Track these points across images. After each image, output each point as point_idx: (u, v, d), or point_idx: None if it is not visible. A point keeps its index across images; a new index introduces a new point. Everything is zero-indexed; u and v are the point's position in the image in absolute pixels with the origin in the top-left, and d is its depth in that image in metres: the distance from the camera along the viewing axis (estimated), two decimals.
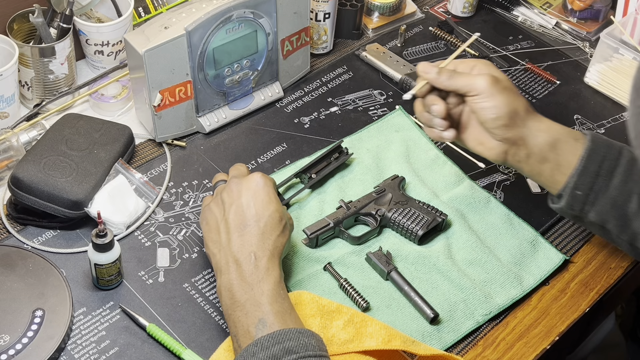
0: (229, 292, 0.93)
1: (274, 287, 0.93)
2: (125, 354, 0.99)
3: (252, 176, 1.01)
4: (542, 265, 1.11)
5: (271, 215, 0.98)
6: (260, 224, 0.97)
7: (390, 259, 1.08)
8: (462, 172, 1.22)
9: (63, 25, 1.24)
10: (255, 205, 0.98)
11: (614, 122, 1.35)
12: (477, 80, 1.02)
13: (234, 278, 0.93)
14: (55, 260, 1.07)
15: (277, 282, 0.93)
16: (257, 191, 0.99)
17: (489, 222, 1.16)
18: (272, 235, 0.97)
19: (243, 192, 1.00)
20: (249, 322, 0.90)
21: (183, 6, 1.19)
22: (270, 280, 0.93)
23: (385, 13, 1.51)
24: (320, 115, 1.32)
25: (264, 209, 0.98)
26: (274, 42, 1.28)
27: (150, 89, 1.17)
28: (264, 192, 0.99)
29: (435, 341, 1.02)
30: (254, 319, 0.90)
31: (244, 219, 0.97)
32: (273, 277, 0.94)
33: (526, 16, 1.56)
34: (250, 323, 0.90)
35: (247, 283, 0.93)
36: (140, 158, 1.23)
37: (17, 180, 1.09)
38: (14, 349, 0.95)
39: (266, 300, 0.91)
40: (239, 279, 0.93)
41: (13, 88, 1.21)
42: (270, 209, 0.98)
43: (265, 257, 0.95)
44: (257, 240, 0.96)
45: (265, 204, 0.98)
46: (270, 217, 0.98)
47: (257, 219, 0.97)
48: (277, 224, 0.98)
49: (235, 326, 0.91)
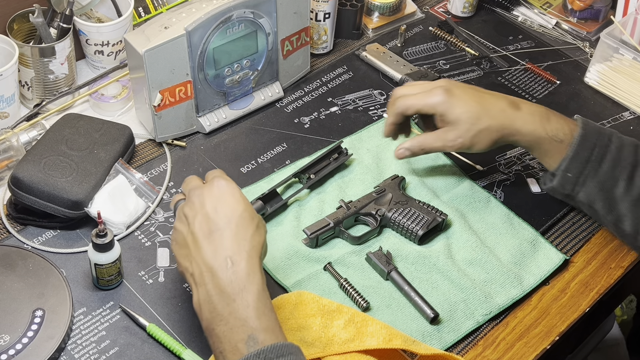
0: (209, 304, 0.85)
1: (258, 296, 0.85)
2: (125, 354, 0.99)
3: (213, 182, 0.92)
4: (542, 265, 1.11)
5: (241, 215, 0.89)
6: (232, 226, 0.88)
7: (390, 259, 1.08)
8: (462, 172, 1.22)
9: (63, 25, 1.24)
10: (222, 208, 0.89)
11: (614, 122, 1.35)
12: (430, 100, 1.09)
13: (212, 289, 0.86)
14: (55, 260, 1.07)
15: (260, 290, 0.86)
16: (221, 195, 0.91)
17: (489, 222, 1.16)
18: (246, 234, 0.88)
19: (206, 200, 0.91)
20: (237, 337, 0.83)
21: (183, 6, 1.19)
22: (253, 288, 0.85)
23: (385, 13, 1.51)
24: (320, 115, 1.33)
25: (233, 210, 0.89)
26: (274, 42, 1.28)
27: (150, 89, 1.17)
28: (229, 194, 0.91)
29: (436, 341, 1.02)
30: (242, 335, 0.83)
31: (212, 224, 0.89)
32: (255, 284, 0.86)
33: (526, 16, 1.56)
34: (238, 339, 0.83)
35: (227, 294, 0.85)
36: (140, 158, 1.23)
37: (17, 180, 1.09)
38: (14, 349, 0.95)
39: (253, 314, 0.84)
40: (218, 290, 0.85)
41: (13, 88, 1.21)
42: (239, 209, 0.89)
43: (243, 260, 0.86)
44: (231, 243, 0.87)
45: (232, 205, 0.90)
46: (240, 217, 0.89)
47: (226, 221, 0.88)
48: (249, 223, 0.89)
49: (220, 342, 0.84)
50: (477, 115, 1.07)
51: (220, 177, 0.93)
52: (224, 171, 1.20)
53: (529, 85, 1.42)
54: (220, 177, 0.93)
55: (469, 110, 1.07)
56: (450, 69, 1.44)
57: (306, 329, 0.98)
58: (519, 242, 1.13)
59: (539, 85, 1.42)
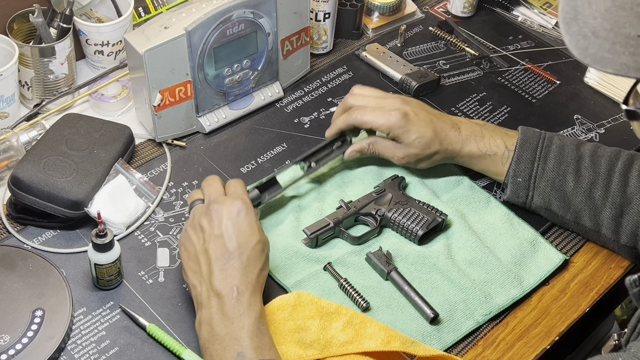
0: (209, 325, 0.91)
1: (255, 321, 0.90)
2: (125, 354, 0.99)
3: (233, 203, 0.96)
4: (542, 265, 1.11)
5: (254, 247, 0.95)
6: (243, 258, 0.94)
7: (390, 259, 1.08)
8: (462, 172, 1.22)
9: (63, 25, 1.24)
10: (237, 236, 0.94)
11: (614, 122, 1.35)
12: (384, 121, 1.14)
13: (215, 312, 0.91)
14: (55, 260, 1.07)
15: (258, 317, 0.91)
16: (238, 221, 0.95)
17: (489, 222, 1.16)
18: (254, 268, 0.94)
19: (224, 221, 0.95)
20: (227, 355, 0.88)
21: (183, 6, 1.19)
22: (252, 314, 0.91)
23: (385, 13, 1.51)
24: (320, 115, 1.32)
25: (247, 241, 0.95)
26: (274, 42, 1.28)
27: (150, 89, 1.17)
28: (246, 223, 0.96)
29: (435, 341, 1.02)
30: (232, 352, 0.88)
31: (226, 251, 0.94)
32: (254, 311, 0.91)
33: (526, 16, 1.56)
34: (229, 357, 0.88)
35: (227, 317, 0.90)
36: (140, 158, 1.23)
37: (17, 180, 1.09)
38: (14, 349, 0.95)
39: (246, 334, 0.89)
40: (220, 313, 0.91)
41: (13, 88, 1.21)
42: (252, 241, 0.95)
43: (248, 291, 0.92)
44: (240, 274, 0.93)
45: (247, 236, 0.95)
46: (253, 250, 0.95)
47: (240, 252, 0.94)
48: (259, 257, 0.95)
49: (212, 359, 0.90)
50: (428, 142, 1.13)
51: (241, 200, 0.97)
52: (225, 171, 1.21)
53: (528, 85, 1.42)
54: (241, 198, 0.97)
55: (422, 137, 1.13)
56: (450, 69, 1.44)
57: (305, 331, 0.98)
58: (519, 242, 1.13)
59: (539, 85, 1.42)
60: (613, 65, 0.57)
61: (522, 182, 1.12)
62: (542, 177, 1.11)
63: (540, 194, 1.12)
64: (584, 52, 0.58)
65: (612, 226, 1.09)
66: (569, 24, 0.59)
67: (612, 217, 1.08)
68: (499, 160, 1.14)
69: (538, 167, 1.11)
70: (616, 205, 1.08)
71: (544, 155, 1.11)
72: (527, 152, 1.12)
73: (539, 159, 1.11)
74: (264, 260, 0.96)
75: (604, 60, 0.57)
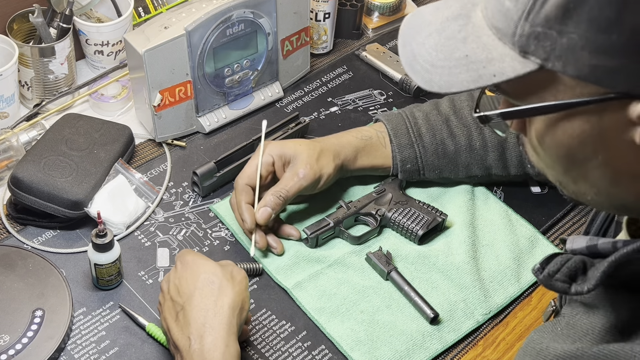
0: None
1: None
2: (125, 354, 0.99)
3: (176, 265, 0.95)
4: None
5: (199, 286, 0.91)
6: (193, 301, 0.90)
7: (390, 259, 1.08)
8: None
9: (63, 25, 1.24)
10: (182, 287, 0.92)
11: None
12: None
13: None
14: (55, 260, 1.07)
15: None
16: (181, 275, 0.93)
17: (487, 218, 1.16)
18: (208, 304, 0.90)
19: (170, 284, 0.94)
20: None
21: (183, 6, 1.19)
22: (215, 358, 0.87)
23: (385, 13, 1.51)
24: (320, 115, 1.32)
25: (191, 285, 0.91)
26: (274, 42, 1.28)
27: (150, 89, 1.17)
28: (188, 270, 0.93)
29: (436, 341, 1.02)
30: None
31: (176, 306, 0.92)
32: (216, 357, 0.87)
33: None
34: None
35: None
36: (140, 158, 1.23)
37: (17, 180, 1.09)
38: (14, 349, 0.95)
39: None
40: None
41: (13, 88, 1.21)
42: (196, 282, 0.91)
43: (205, 333, 0.88)
44: (194, 318, 0.89)
45: (190, 280, 0.92)
46: (199, 289, 0.91)
47: (187, 298, 0.91)
48: (209, 290, 0.91)
49: None
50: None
51: (181, 256, 0.95)
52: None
53: None
54: (181, 256, 0.95)
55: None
56: None
57: None
58: (517, 238, 1.13)
59: None
60: (457, 85, 0.63)
61: (412, 167, 1.15)
62: (425, 154, 1.14)
63: (430, 167, 1.16)
64: (430, 82, 0.64)
65: (500, 165, 1.16)
66: (411, 64, 0.66)
67: (497, 158, 1.15)
68: (379, 143, 1.15)
69: (419, 147, 1.14)
70: (495, 145, 1.15)
71: (417, 135, 1.14)
72: (402, 138, 1.14)
73: (416, 140, 1.14)
74: (216, 292, 0.91)
75: (448, 83, 0.64)
